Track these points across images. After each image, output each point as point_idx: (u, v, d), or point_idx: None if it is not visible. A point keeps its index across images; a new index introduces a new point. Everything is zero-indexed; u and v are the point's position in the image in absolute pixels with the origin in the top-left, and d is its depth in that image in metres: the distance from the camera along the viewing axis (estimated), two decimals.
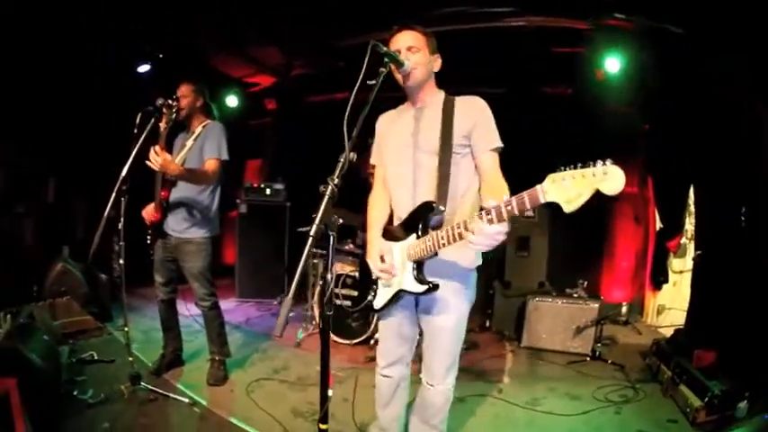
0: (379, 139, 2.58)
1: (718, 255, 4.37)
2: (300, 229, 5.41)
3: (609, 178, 1.50)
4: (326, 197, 1.67)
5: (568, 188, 1.56)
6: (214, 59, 5.94)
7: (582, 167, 1.54)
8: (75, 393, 3.32)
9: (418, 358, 2.58)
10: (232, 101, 6.48)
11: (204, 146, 3.62)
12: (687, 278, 5.44)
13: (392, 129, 2.47)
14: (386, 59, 2.07)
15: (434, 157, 2.26)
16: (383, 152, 2.53)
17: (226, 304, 5.92)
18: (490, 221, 1.74)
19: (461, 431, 3.33)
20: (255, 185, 6.49)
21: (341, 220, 1.79)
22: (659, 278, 5.84)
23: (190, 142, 3.69)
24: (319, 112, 6.85)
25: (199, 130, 3.71)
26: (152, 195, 3.58)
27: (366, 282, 2.46)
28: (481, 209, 1.79)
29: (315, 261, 5.34)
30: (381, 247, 2.33)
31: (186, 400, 3.39)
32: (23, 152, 5.15)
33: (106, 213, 3.10)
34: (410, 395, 2.71)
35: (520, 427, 3.44)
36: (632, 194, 6.11)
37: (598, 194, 1.53)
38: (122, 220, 3.26)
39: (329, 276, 1.69)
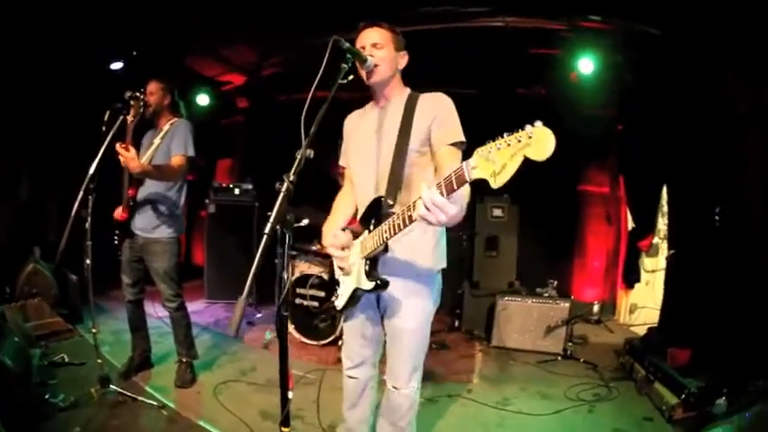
0: (345, 139, 2.57)
1: (691, 254, 4.43)
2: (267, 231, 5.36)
3: (535, 141, 1.35)
4: (282, 195, 1.65)
5: (494, 160, 1.43)
6: (187, 58, 5.88)
7: (508, 135, 1.41)
8: (47, 397, 3.28)
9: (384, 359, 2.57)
10: (203, 99, 6.41)
11: (171, 143, 3.61)
12: (660, 277, 5.52)
13: (357, 129, 2.47)
14: (348, 55, 2.05)
15: (390, 153, 2.24)
16: (350, 153, 2.52)
17: (195, 306, 5.99)
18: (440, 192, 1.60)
19: (430, 431, 3.34)
20: (224, 185, 6.46)
21: (305, 221, 1.76)
22: (631, 277, 5.93)
23: (157, 140, 3.66)
24: (291, 111, 6.80)
25: (166, 127, 3.69)
26: (121, 194, 3.56)
27: (332, 283, 2.44)
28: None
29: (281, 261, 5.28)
30: (341, 240, 2.27)
31: (155, 403, 3.37)
32: None
33: (74, 212, 3.06)
34: (378, 396, 2.69)
35: (490, 428, 3.44)
36: (604, 194, 6.18)
37: (529, 162, 1.36)
38: (90, 218, 3.20)
39: (285, 276, 1.66)
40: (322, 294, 4.67)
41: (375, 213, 2.14)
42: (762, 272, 3.58)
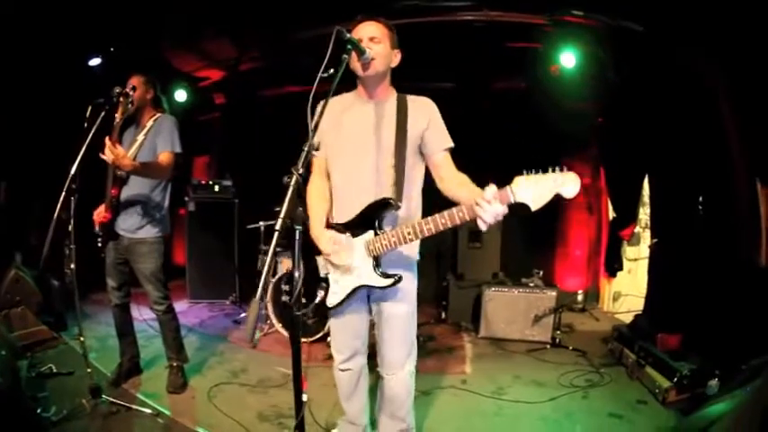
0: (321, 126, 2.46)
1: (675, 242, 4.50)
2: (250, 226, 5.26)
3: (567, 183, 1.82)
4: (291, 188, 1.57)
5: (533, 190, 1.83)
6: (166, 53, 5.70)
7: (543, 173, 1.84)
8: (38, 411, 3.11)
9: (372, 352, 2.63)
10: (181, 95, 6.22)
11: (157, 139, 3.46)
12: (642, 265, 5.60)
13: (342, 119, 2.38)
14: (348, 46, 2.02)
15: (391, 155, 2.29)
16: (331, 142, 2.39)
17: (178, 306, 5.62)
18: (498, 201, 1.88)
19: (430, 424, 3.31)
20: (204, 182, 6.29)
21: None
22: (614, 266, 5.99)
23: (140, 137, 3.50)
24: (269, 107, 6.72)
25: (150, 124, 3.54)
26: (104, 194, 3.40)
27: (313, 281, 2.39)
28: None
29: (266, 258, 5.18)
30: (332, 235, 2.29)
31: (149, 411, 3.24)
32: None
33: (56, 214, 2.94)
34: (372, 382, 2.74)
35: (489, 417, 3.44)
36: (585, 185, 6.20)
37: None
38: (72, 221, 3.06)
39: (297, 274, 1.59)
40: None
41: (380, 214, 2.22)
42: (745, 256, 3.66)
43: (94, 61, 5.14)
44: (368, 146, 2.32)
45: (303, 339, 4.57)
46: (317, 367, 4.09)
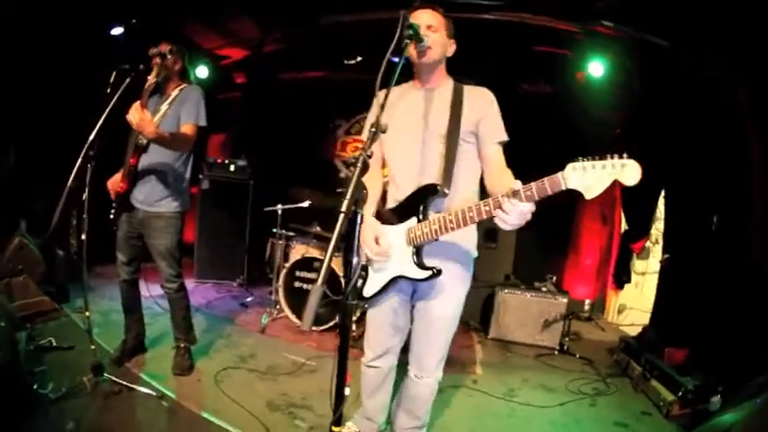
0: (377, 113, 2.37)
1: (687, 258, 4.43)
2: (268, 209, 5.08)
3: (628, 170, 1.62)
4: (357, 170, 1.44)
5: (588, 177, 1.63)
6: (188, 28, 5.50)
7: (600, 159, 1.64)
8: (35, 387, 2.90)
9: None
10: (202, 72, 6.03)
11: (181, 110, 3.26)
12: (650, 280, 5.56)
13: (397, 106, 2.29)
14: (409, 32, 1.92)
15: (442, 142, 2.18)
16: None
17: None
18: (529, 198, 1.71)
19: (444, 422, 3.21)
20: (219, 161, 6.10)
21: (308, 202, 1.53)
22: (622, 278, 5.91)
23: (164, 107, 3.29)
24: (289, 90, 6.57)
25: (175, 93, 3.32)
26: (122, 164, 3.20)
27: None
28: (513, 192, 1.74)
29: (279, 242, 5.05)
30: (376, 229, 2.18)
31: (153, 393, 3.06)
32: None
33: (70, 182, 2.74)
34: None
35: (501, 418, 3.38)
36: (600, 194, 6.09)
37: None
38: (87, 189, 2.86)
39: (355, 261, 1.45)
40: (312, 276, 4.54)
41: (425, 201, 2.09)
42: (757, 275, 3.57)
43: (116, 31, 4.95)
44: (417, 131, 2.24)
45: (314, 328, 4.49)
46: (328, 357, 3.92)
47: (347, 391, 1.60)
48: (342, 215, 1.34)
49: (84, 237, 2.98)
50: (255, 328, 4.54)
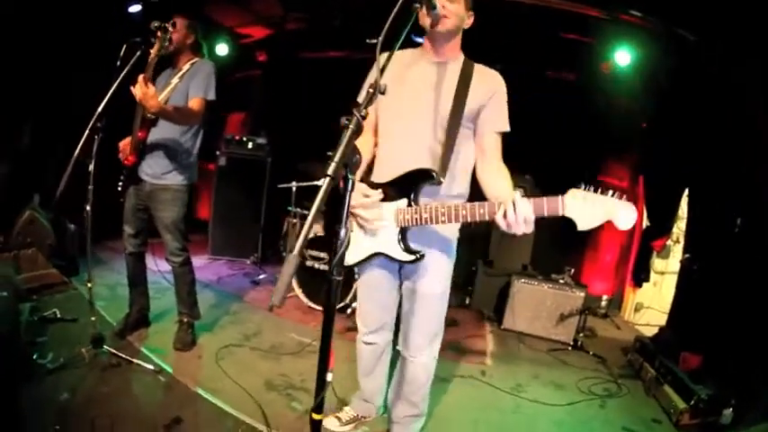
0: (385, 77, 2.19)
1: (708, 259, 4.20)
2: (282, 186, 4.94)
3: (622, 215, 1.61)
4: (350, 130, 1.26)
5: (586, 208, 1.63)
6: (209, 6, 5.42)
7: (601, 194, 1.62)
8: (34, 357, 2.89)
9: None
10: (222, 49, 5.92)
11: (191, 84, 3.18)
12: (668, 279, 5.33)
13: (405, 76, 2.12)
14: None
15: (443, 125, 2.05)
16: (388, 96, 2.12)
17: (197, 261, 5.45)
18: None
19: (445, 412, 3.04)
20: (237, 138, 5.96)
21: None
22: (641, 276, 5.65)
23: (175, 80, 3.22)
24: (310, 69, 6.41)
25: (186, 67, 3.25)
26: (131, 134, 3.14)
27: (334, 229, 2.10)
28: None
29: (294, 220, 4.92)
30: (364, 187, 2.04)
31: (151, 367, 2.99)
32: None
33: (76, 153, 2.70)
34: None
35: (506, 413, 3.20)
36: (623, 189, 5.82)
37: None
38: (93, 161, 2.79)
39: (342, 232, 1.29)
40: (323, 255, 4.36)
41: (418, 185, 1.98)
42: None
43: (134, 8, 4.87)
44: (422, 108, 2.07)
45: (322, 309, 4.31)
46: (337, 339, 3.79)
47: (329, 377, 1.43)
48: (327, 179, 1.18)
49: (89, 208, 2.91)
50: (263, 305, 4.44)
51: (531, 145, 4.49)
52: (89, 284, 3.01)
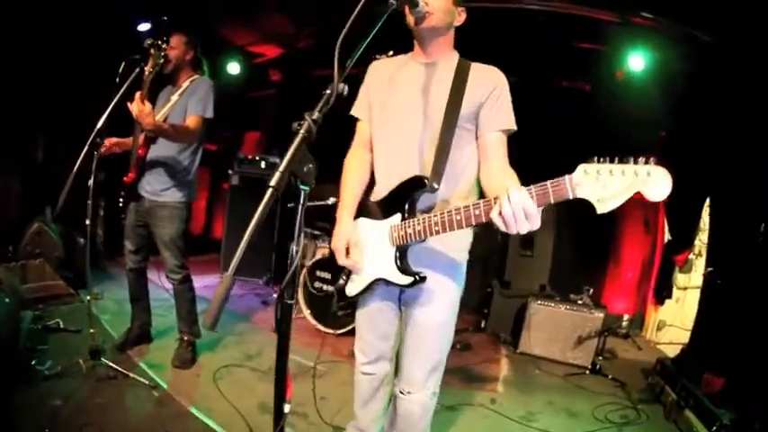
0: (370, 89, 2.06)
1: (732, 273, 3.91)
2: (291, 205, 4.83)
3: (653, 181, 1.24)
4: (299, 137, 1.12)
5: (604, 185, 1.27)
6: (219, 24, 5.43)
7: (620, 162, 1.27)
8: (33, 363, 2.95)
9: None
10: (234, 68, 5.92)
11: (189, 101, 3.15)
12: (691, 295, 5.00)
13: (393, 80, 1.96)
14: None
15: (436, 128, 1.83)
16: (376, 107, 2.01)
17: (209, 280, 5.56)
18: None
19: None
20: (250, 157, 5.93)
21: (332, 200, 1.23)
22: (663, 293, 5.36)
23: (174, 97, 3.21)
24: (324, 88, 6.35)
25: (185, 84, 3.23)
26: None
27: (337, 264, 1.96)
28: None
29: (304, 241, 4.79)
30: (350, 235, 1.89)
31: (146, 382, 2.95)
32: (13, 110, 4.70)
33: (75, 168, 2.74)
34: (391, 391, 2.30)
35: None
36: (643, 201, 5.59)
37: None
38: (93, 176, 2.83)
39: (294, 249, 1.15)
40: (328, 276, 4.21)
41: (411, 196, 1.76)
42: None
43: (144, 26, 4.92)
44: (412, 113, 1.88)
45: (330, 331, 4.22)
46: (340, 362, 3.66)
47: (287, 408, 1.27)
48: (269, 190, 1.04)
49: (88, 222, 2.94)
50: (270, 327, 4.31)
51: (546, 158, 4.31)
52: (89, 297, 3.08)
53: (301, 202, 1.19)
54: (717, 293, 4.11)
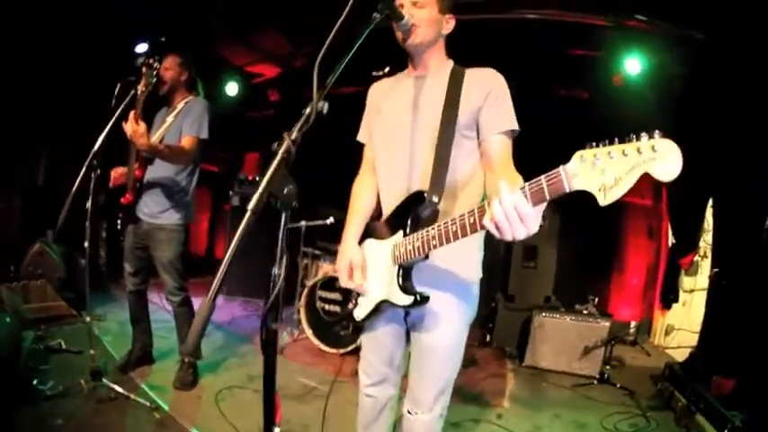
0: (369, 112, 2.05)
1: (737, 273, 3.88)
2: (291, 225, 4.82)
3: (661, 156, 1.03)
4: (278, 158, 1.11)
5: (604, 170, 1.07)
6: (217, 44, 5.47)
7: (621, 142, 1.06)
8: (34, 382, 2.95)
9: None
10: (232, 89, 5.95)
11: (184, 122, 3.15)
12: (698, 297, 5.00)
13: (386, 100, 1.94)
14: (380, 5, 1.53)
15: (433, 139, 1.76)
16: (375, 129, 1.99)
17: None
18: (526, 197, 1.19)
19: None
20: (250, 178, 5.93)
21: (331, 219, 1.22)
22: (669, 297, 5.32)
23: (170, 119, 3.21)
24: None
25: (180, 105, 3.23)
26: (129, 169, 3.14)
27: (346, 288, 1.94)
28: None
29: (304, 261, 4.79)
30: (352, 256, 1.87)
31: (148, 403, 2.91)
32: (16, 130, 4.78)
33: (74, 189, 2.73)
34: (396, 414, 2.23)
35: None
36: (646, 207, 5.56)
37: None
38: (91, 198, 2.84)
39: (275, 271, 1.13)
40: (339, 298, 4.11)
41: (412, 212, 1.68)
42: None
43: (141, 47, 4.94)
44: (404, 130, 1.84)
45: (334, 351, 4.17)
46: (344, 382, 3.57)
47: (276, 430, 1.25)
48: (248, 213, 1.02)
49: (86, 244, 2.96)
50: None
51: (547, 168, 4.26)
52: (88, 319, 3.08)
53: (282, 224, 1.16)
54: (723, 294, 4.07)
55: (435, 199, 1.68)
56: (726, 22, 3.59)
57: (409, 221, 1.67)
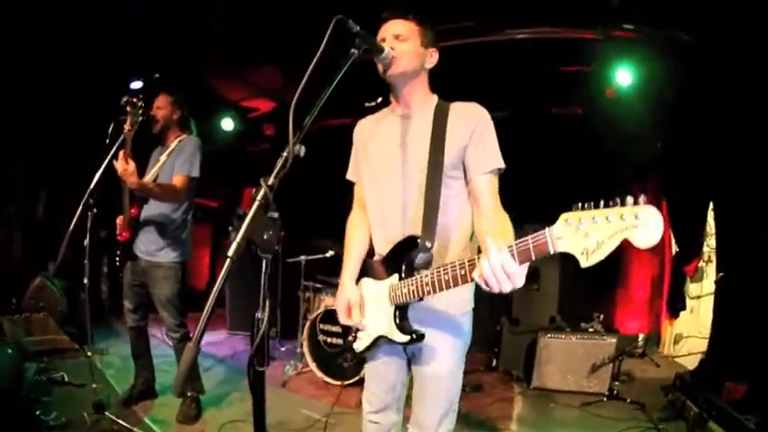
0: (357, 150, 2.07)
1: (743, 276, 3.84)
2: (290, 260, 4.89)
3: (643, 225, 1.05)
4: (256, 203, 1.13)
5: (587, 234, 1.12)
6: (211, 80, 5.56)
7: (605, 207, 1.10)
8: (37, 413, 3.00)
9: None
10: (228, 124, 6.02)
11: (176, 161, 3.19)
12: (705, 303, 4.94)
13: (373, 140, 1.96)
14: (357, 40, 1.55)
15: (422, 182, 1.78)
16: (363, 169, 2.01)
17: (215, 336, 5.60)
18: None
19: None
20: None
21: (330, 252, 1.23)
22: (676, 305, 5.26)
23: (163, 158, 3.26)
24: (317, 139, 6.42)
25: (173, 144, 3.28)
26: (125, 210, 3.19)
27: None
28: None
29: (307, 295, 4.81)
30: (350, 296, 1.93)
31: None
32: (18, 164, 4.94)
33: (71, 227, 2.78)
34: None
35: None
36: None
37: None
38: (88, 236, 2.90)
39: (258, 315, 1.14)
40: (340, 331, 4.12)
41: (406, 257, 1.72)
42: None
43: (135, 84, 5.03)
44: (393, 170, 1.84)
45: (337, 382, 4.13)
46: (347, 414, 3.56)
47: None
48: (228, 261, 1.04)
49: (86, 281, 3.01)
50: (277, 382, 4.23)
51: (545, 189, 4.29)
52: (89, 353, 3.15)
53: (264, 269, 1.18)
54: (730, 298, 4.04)
55: (428, 245, 1.71)
56: (726, 23, 3.58)
57: (404, 266, 1.71)
